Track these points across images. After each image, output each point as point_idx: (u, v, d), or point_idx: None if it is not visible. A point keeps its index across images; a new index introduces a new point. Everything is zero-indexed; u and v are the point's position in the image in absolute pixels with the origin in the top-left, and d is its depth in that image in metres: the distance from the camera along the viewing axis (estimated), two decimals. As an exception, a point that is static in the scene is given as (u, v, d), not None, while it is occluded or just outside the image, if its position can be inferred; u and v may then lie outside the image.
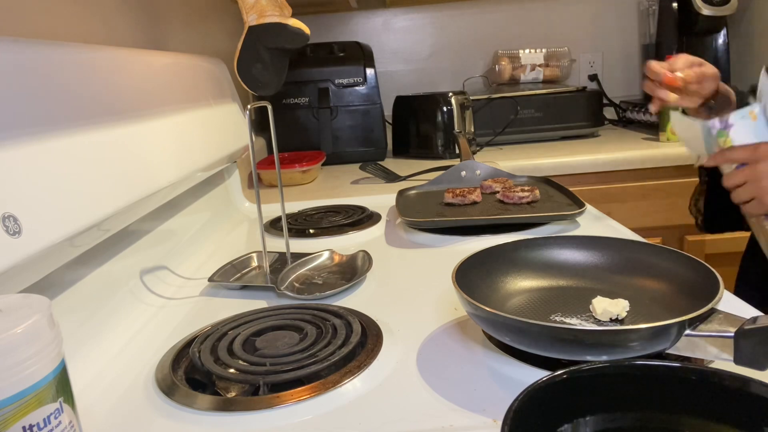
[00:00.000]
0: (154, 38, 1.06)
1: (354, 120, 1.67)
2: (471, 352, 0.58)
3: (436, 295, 0.71)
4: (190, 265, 0.89)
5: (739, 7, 1.76)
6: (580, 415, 0.40)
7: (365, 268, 0.80)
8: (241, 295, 0.78)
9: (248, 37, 0.91)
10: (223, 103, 1.13)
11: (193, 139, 0.92)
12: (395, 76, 2.08)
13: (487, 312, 0.53)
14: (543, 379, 0.39)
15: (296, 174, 1.44)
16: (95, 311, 0.66)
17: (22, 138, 0.52)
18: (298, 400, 0.51)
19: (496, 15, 2.07)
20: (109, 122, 0.68)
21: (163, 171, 0.77)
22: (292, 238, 0.98)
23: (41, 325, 0.34)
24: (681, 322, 0.47)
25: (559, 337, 0.49)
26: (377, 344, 0.60)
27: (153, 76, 0.84)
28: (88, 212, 0.58)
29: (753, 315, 0.48)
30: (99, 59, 0.71)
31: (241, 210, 1.22)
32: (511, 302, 0.64)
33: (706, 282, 0.54)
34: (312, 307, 0.69)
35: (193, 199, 1.02)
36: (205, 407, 0.51)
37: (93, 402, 0.54)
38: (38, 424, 0.34)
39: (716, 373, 0.39)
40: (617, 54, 2.10)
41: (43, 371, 0.34)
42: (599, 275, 0.65)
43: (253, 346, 0.61)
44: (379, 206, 1.15)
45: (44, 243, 0.51)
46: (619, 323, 0.57)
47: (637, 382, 0.40)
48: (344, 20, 2.06)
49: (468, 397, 0.50)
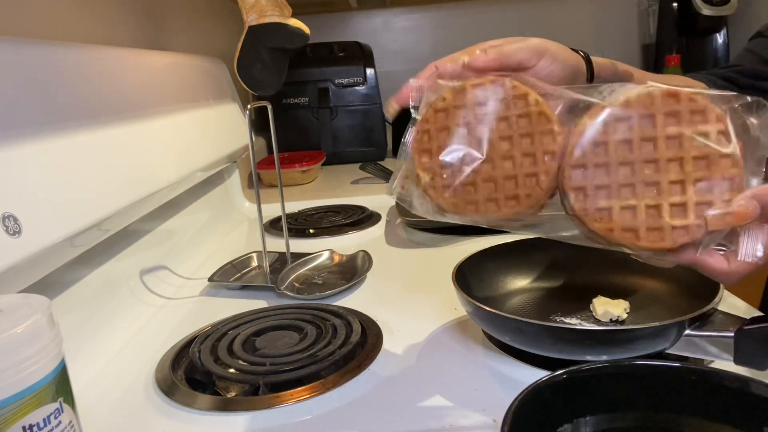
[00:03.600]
0: (154, 38, 1.06)
1: (354, 120, 1.67)
2: (471, 352, 0.58)
3: (436, 295, 0.71)
4: (190, 265, 0.88)
5: (739, 7, 1.76)
6: (580, 415, 0.40)
7: (365, 268, 0.79)
8: (241, 295, 0.78)
9: (248, 37, 0.91)
10: (223, 103, 1.13)
11: (193, 139, 0.92)
12: (395, 76, 2.07)
13: (487, 312, 0.53)
14: (543, 379, 0.39)
15: (296, 174, 1.44)
16: (95, 311, 0.66)
17: (22, 138, 0.52)
18: (298, 400, 0.51)
19: (496, 15, 2.07)
20: (109, 122, 0.68)
21: (163, 171, 0.77)
22: (292, 238, 0.98)
23: (41, 325, 0.34)
24: (681, 322, 0.47)
25: (559, 337, 0.49)
26: (377, 344, 0.60)
27: (153, 76, 0.84)
28: (88, 212, 0.58)
29: (753, 315, 0.48)
30: (99, 59, 0.71)
31: (241, 210, 1.22)
32: (511, 302, 0.64)
33: (706, 282, 0.54)
34: (312, 307, 0.69)
35: (193, 199, 1.02)
36: (205, 407, 0.51)
37: (93, 402, 0.54)
38: (38, 424, 0.34)
39: (716, 373, 0.39)
40: (617, 54, 2.10)
41: (43, 371, 0.34)
42: (599, 275, 0.65)
43: (253, 346, 0.61)
44: (379, 206, 1.15)
45: (44, 243, 0.51)
46: (620, 324, 0.57)
47: (637, 382, 0.40)
48: (344, 20, 2.06)
49: (468, 397, 0.50)
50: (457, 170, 0.49)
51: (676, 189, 0.43)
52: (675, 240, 0.43)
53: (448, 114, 0.49)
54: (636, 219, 0.44)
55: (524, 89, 0.47)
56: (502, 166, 0.48)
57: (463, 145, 0.49)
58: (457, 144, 0.49)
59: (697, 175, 0.42)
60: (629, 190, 0.44)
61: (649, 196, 0.43)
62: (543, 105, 0.46)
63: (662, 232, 0.43)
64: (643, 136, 0.43)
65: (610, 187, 0.44)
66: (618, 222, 0.44)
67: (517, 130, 0.47)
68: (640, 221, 0.44)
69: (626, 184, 0.44)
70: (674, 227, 0.43)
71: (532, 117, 0.47)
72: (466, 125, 0.48)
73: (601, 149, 0.44)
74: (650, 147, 0.43)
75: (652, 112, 0.43)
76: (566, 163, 0.45)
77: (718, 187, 0.41)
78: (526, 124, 0.47)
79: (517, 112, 0.47)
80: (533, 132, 0.46)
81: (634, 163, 0.43)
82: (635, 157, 0.43)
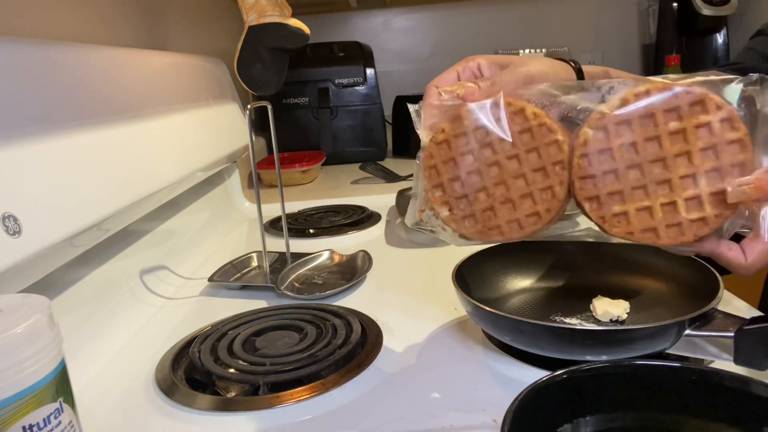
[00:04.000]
0: (154, 38, 1.06)
1: (354, 120, 1.66)
2: (471, 352, 0.58)
3: (436, 295, 0.71)
4: (190, 265, 0.88)
5: (739, 7, 1.76)
6: (580, 415, 0.40)
7: (365, 268, 0.80)
8: (241, 295, 0.78)
9: (248, 37, 0.91)
10: (223, 103, 1.13)
11: (193, 139, 0.92)
12: (395, 76, 2.08)
13: (487, 312, 0.53)
14: (543, 379, 0.39)
15: (296, 174, 1.44)
16: (95, 311, 0.66)
17: (22, 138, 0.52)
18: (298, 400, 0.51)
19: (496, 15, 2.07)
20: (109, 122, 0.68)
21: (163, 171, 0.77)
22: (292, 238, 0.98)
23: (41, 325, 0.34)
24: (681, 322, 0.47)
25: (559, 337, 0.49)
26: (377, 344, 0.60)
27: (153, 76, 0.84)
28: (88, 212, 0.58)
29: (753, 315, 0.48)
30: (99, 59, 0.71)
31: (241, 210, 1.22)
32: (511, 302, 0.64)
33: (706, 282, 0.54)
34: (312, 307, 0.69)
35: (193, 199, 1.02)
36: (204, 407, 0.51)
37: (93, 402, 0.54)
38: (38, 423, 0.34)
39: (716, 373, 0.39)
40: (617, 54, 2.10)
41: (43, 371, 0.34)
42: (599, 275, 0.65)
43: (253, 346, 0.61)
44: (379, 206, 1.15)
45: (44, 243, 0.51)
46: (620, 324, 0.57)
47: (637, 382, 0.40)
48: (344, 20, 2.06)
49: (468, 397, 0.50)
50: (472, 199, 0.49)
51: (688, 183, 0.42)
52: (695, 233, 0.43)
53: (450, 145, 0.49)
54: (654, 218, 0.44)
55: (520, 104, 0.47)
56: (516, 186, 0.47)
57: (472, 172, 0.48)
58: (466, 173, 0.48)
59: (706, 166, 0.42)
60: (642, 192, 0.44)
61: (662, 194, 0.43)
62: (542, 116, 0.46)
63: (681, 227, 0.43)
64: (647, 136, 0.43)
65: (622, 192, 0.44)
66: (636, 224, 0.44)
67: (522, 147, 0.47)
68: (657, 220, 0.43)
69: (638, 186, 0.44)
70: (692, 220, 0.42)
71: (533, 131, 0.46)
72: (470, 152, 0.48)
73: (606, 156, 0.44)
74: (655, 145, 0.43)
75: (652, 111, 0.43)
76: (575, 175, 0.45)
77: (729, 174, 0.41)
78: (529, 139, 0.46)
79: (517, 129, 0.47)
80: (538, 145, 0.46)
81: (642, 164, 0.43)
82: (642, 158, 0.43)
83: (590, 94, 0.45)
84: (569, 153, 0.46)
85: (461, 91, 0.49)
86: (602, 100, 0.45)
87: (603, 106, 0.44)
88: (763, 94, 0.41)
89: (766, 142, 0.41)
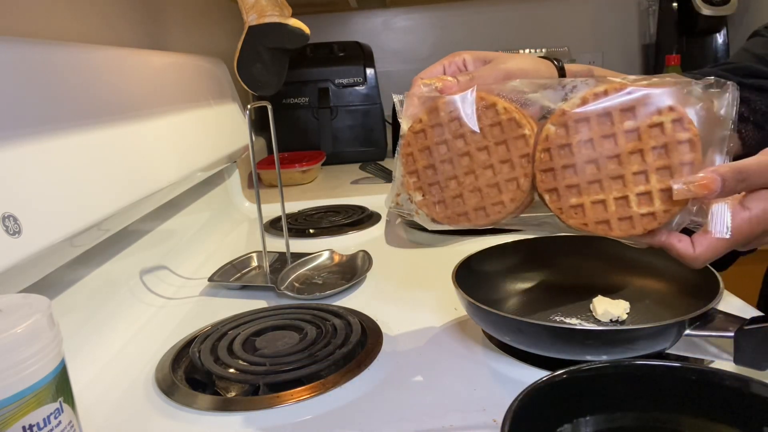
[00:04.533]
0: (154, 38, 1.06)
1: (354, 120, 1.66)
2: (471, 352, 0.58)
3: (436, 295, 0.71)
4: (190, 265, 0.88)
5: (739, 7, 1.76)
6: (580, 415, 0.40)
7: (365, 268, 0.80)
8: (241, 295, 0.78)
9: (248, 37, 0.91)
10: (223, 103, 1.13)
11: (193, 139, 0.92)
12: (395, 76, 2.08)
13: (487, 312, 0.53)
14: (543, 379, 0.39)
15: (296, 174, 1.44)
16: (95, 311, 0.66)
17: (22, 138, 0.52)
18: (298, 400, 0.51)
19: (496, 15, 2.07)
20: (109, 122, 0.68)
21: (163, 171, 0.77)
22: (292, 238, 0.98)
23: (41, 325, 0.34)
24: (681, 322, 0.47)
25: (559, 337, 0.50)
26: (377, 344, 0.60)
27: (153, 76, 0.84)
28: (88, 212, 0.58)
29: (753, 315, 0.48)
30: (99, 59, 0.71)
31: (241, 210, 1.22)
32: (511, 302, 0.64)
33: (706, 282, 0.54)
34: (312, 307, 0.69)
35: (193, 199, 1.02)
36: (205, 407, 0.51)
37: (93, 402, 0.54)
38: (38, 423, 0.34)
39: (716, 373, 0.39)
40: (617, 54, 2.10)
41: (43, 371, 0.34)
42: (599, 275, 0.65)
43: (253, 346, 0.61)
44: (379, 206, 1.15)
45: (44, 243, 0.51)
46: (620, 324, 0.57)
47: (637, 382, 0.40)
48: (344, 20, 2.06)
49: (468, 397, 0.50)
50: (444, 186, 0.52)
51: (640, 179, 0.45)
52: (645, 226, 0.45)
53: (426, 134, 0.52)
54: (607, 211, 0.46)
55: (492, 99, 0.49)
56: (484, 175, 0.50)
57: (445, 161, 0.51)
58: (439, 161, 0.52)
59: (657, 164, 0.44)
60: (597, 186, 0.46)
61: (616, 189, 0.46)
62: (512, 111, 0.49)
63: (632, 220, 0.45)
64: (603, 133, 0.45)
65: (579, 186, 0.47)
66: (591, 216, 0.47)
67: (492, 139, 0.50)
68: (610, 213, 0.46)
69: (594, 181, 0.46)
70: (642, 215, 0.45)
71: (503, 125, 0.49)
72: (444, 142, 0.51)
73: (566, 151, 0.47)
74: (611, 143, 0.45)
75: (609, 110, 0.45)
76: (537, 168, 0.48)
77: (678, 172, 0.43)
78: (499, 132, 0.49)
79: (488, 122, 0.50)
80: (506, 139, 0.49)
81: (598, 159, 0.46)
82: (598, 154, 0.46)
83: (554, 93, 0.48)
84: (535, 147, 0.48)
85: (440, 84, 0.52)
86: (565, 98, 0.47)
87: (565, 104, 0.47)
88: (720, 97, 0.43)
89: (721, 142, 0.44)
